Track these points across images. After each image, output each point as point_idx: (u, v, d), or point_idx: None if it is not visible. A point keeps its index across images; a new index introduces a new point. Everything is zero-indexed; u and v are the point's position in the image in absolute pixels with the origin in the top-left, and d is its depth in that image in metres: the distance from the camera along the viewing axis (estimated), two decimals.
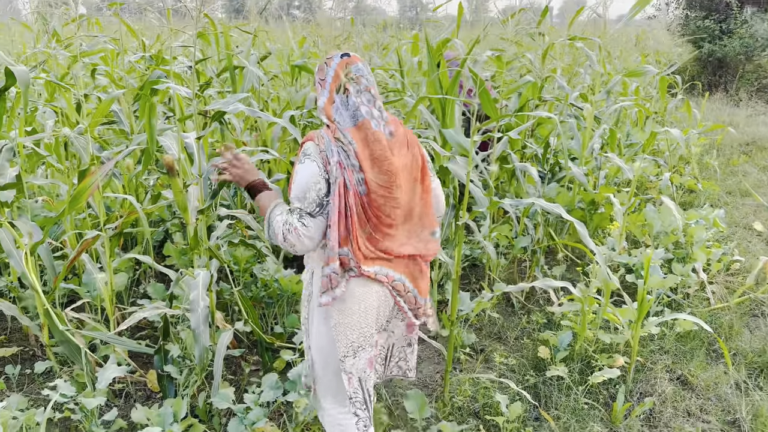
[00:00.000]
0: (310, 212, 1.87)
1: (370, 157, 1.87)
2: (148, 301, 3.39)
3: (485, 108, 3.50)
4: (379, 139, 1.87)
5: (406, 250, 1.96)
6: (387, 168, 1.87)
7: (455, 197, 3.58)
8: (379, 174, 1.86)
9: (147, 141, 2.84)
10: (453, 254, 3.64)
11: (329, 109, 1.93)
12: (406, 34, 8.39)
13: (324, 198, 1.86)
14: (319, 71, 2.00)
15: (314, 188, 1.86)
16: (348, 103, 1.91)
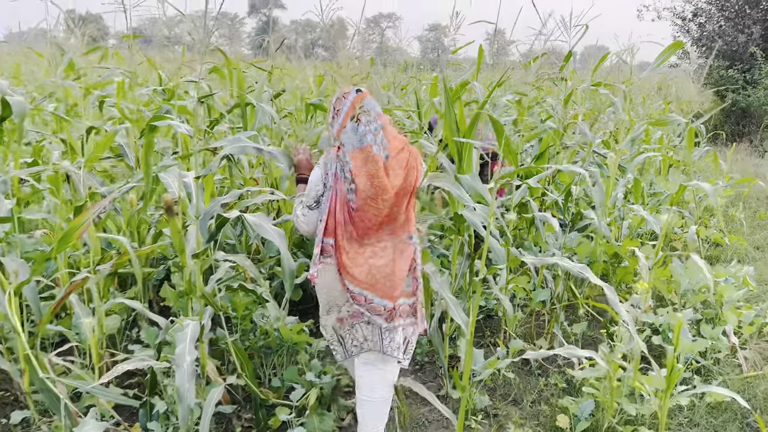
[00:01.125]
0: (309, 205, 2.44)
1: (366, 173, 2.36)
2: (141, 346, 3.20)
3: (506, 155, 3.33)
4: (377, 161, 2.36)
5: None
6: (377, 183, 2.35)
7: (470, 246, 3.37)
8: (370, 187, 2.35)
9: (144, 179, 2.69)
10: (467, 307, 3.41)
11: (340, 133, 2.42)
12: (426, 75, 8.32)
13: (320, 197, 2.43)
14: (336, 102, 2.47)
15: (314, 188, 2.43)
16: (358, 129, 2.39)
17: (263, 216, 2.29)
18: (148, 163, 2.66)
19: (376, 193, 2.33)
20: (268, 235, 2.22)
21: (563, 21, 4.36)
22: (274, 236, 2.21)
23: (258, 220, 2.27)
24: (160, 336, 2.59)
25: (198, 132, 3.84)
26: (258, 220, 2.27)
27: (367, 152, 2.33)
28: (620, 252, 4.13)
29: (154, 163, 3.24)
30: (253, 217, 2.27)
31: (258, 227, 2.25)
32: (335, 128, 2.42)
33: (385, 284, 2.41)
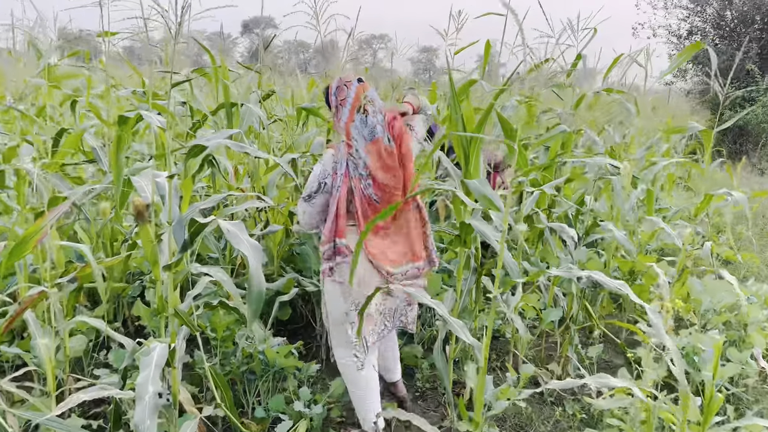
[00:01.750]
0: (303, 197, 2.54)
1: (382, 167, 2.45)
2: (110, 371, 2.86)
3: (513, 159, 3.03)
4: (391, 153, 2.46)
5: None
6: (393, 174, 2.47)
7: (477, 259, 3.06)
8: (390, 178, 2.47)
9: (113, 180, 2.36)
10: (472, 327, 3.09)
11: (349, 126, 2.43)
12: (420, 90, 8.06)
13: (313, 193, 2.51)
14: (339, 91, 2.47)
15: (311, 184, 2.51)
16: (367, 122, 2.43)
17: (240, 225, 1.96)
18: (119, 162, 2.35)
19: (396, 184, 2.46)
20: (242, 247, 1.90)
21: (570, 24, 4.11)
22: (247, 249, 1.89)
23: (234, 228, 1.95)
24: (126, 360, 2.26)
25: (178, 136, 3.53)
26: (234, 229, 1.94)
27: (379, 145, 2.40)
28: (636, 268, 3.83)
29: (128, 164, 2.93)
30: (229, 225, 1.95)
31: (232, 237, 1.93)
32: (343, 121, 2.43)
33: (412, 248, 2.61)
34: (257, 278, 1.94)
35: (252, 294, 1.94)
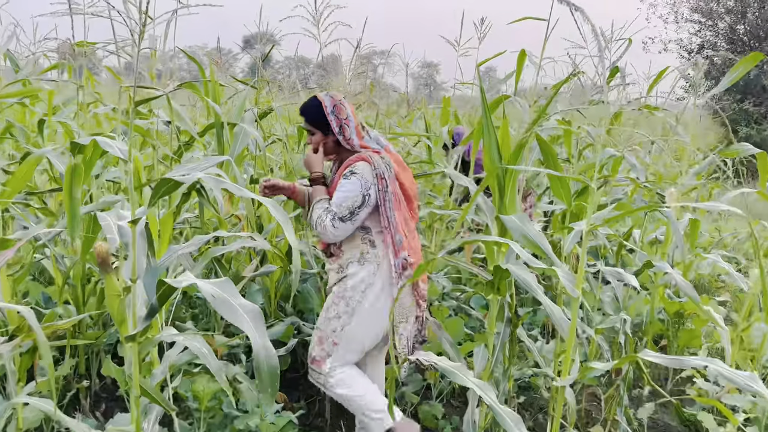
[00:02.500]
0: (341, 217, 2.39)
1: (403, 169, 2.55)
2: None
3: (555, 190, 2.57)
4: (399, 161, 2.57)
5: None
6: (412, 176, 2.63)
7: (511, 308, 2.58)
8: (412, 181, 2.59)
9: (67, 221, 1.89)
10: (506, 389, 2.60)
11: (362, 140, 2.52)
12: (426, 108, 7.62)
13: (357, 209, 2.39)
14: (338, 110, 2.49)
15: (352, 199, 2.37)
16: (371, 135, 2.56)
17: (227, 286, 1.48)
18: (73, 200, 1.87)
19: (415, 189, 2.60)
20: (236, 318, 1.41)
21: (602, 34, 3.66)
22: (242, 319, 1.41)
23: (219, 290, 1.46)
24: None
25: (165, 158, 3.05)
26: (219, 292, 1.46)
27: (389, 153, 2.52)
28: (685, 310, 3.35)
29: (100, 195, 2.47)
30: (214, 288, 1.47)
31: (220, 305, 1.44)
32: (355, 139, 2.48)
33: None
34: (265, 354, 1.43)
35: (263, 374, 1.43)
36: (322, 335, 2.53)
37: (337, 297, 2.52)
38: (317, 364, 2.52)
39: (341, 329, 2.51)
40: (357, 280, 2.47)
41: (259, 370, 1.38)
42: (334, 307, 2.52)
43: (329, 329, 2.52)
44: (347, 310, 2.50)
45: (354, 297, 2.51)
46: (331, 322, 2.52)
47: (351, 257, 2.49)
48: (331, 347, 2.51)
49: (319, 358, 2.52)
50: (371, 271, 2.47)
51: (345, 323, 2.51)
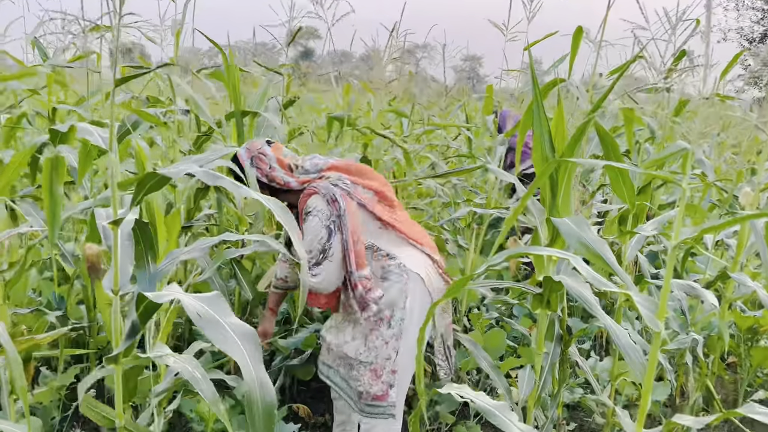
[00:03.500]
0: (316, 262, 2.19)
1: (356, 172, 2.39)
2: None
3: (616, 187, 2.22)
4: (355, 169, 2.43)
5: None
6: (381, 179, 2.49)
7: (562, 325, 2.25)
8: (382, 186, 2.43)
9: (47, 221, 1.65)
10: (555, 417, 2.27)
11: (299, 178, 2.34)
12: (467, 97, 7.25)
13: (326, 243, 2.19)
14: (259, 162, 2.34)
15: (318, 239, 2.19)
16: (306, 165, 2.38)
17: (217, 301, 1.20)
18: (53, 195, 1.63)
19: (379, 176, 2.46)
20: (223, 341, 1.12)
21: (667, 15, 3.27)
22: (233, 344, 1.12)
23: (206, 308, 1.18)
24: None
25: (169, 150, 2.83)
26: (206, 309, 1.18)
27: (334, 164, 2.36)
28: (761, 325, 2.94)
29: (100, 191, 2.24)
30: (199, 303, 1.19)
31: (205, 324, 1.15)
32: (289, 178, 2.33)
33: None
34: (260, 390, 1.13)
35: (255, 414, 1.12)
36: (376, 367, 2.26)
37: (374, 322, 2.26)
38: (381, 399, 2.26)
39: (396, 354, 2.26)
40: (390, 298, 2.23)
41: (251, 409, 1.10)
42: (376, 332, 2.26)
43: (381, 359, 2.25)
44: (394, 333, 2.26)
45: (395, 316, 2.26)
46: (381, 351, 2.25)
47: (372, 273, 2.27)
48: (390, 377, 2.26)
49: (382, 393, 2.26)
50: (403, 284, 2.24)
51: (396, 347, 2.26)
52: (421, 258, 2.33)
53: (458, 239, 3.60)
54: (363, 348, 2.25)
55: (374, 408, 2.26)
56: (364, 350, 2.25)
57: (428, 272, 2.31)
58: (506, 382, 2.20)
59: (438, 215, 3.63)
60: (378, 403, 2.26)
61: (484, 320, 3.06)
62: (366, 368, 2.24)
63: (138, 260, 1.68)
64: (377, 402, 2.26)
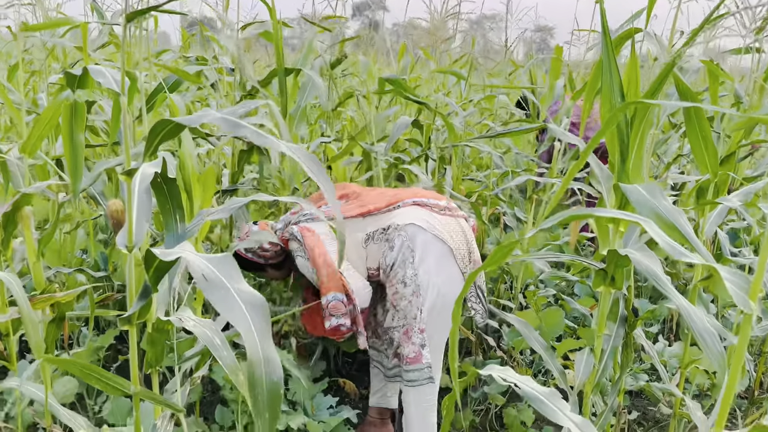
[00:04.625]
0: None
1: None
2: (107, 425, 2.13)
3: (697, 154, 1.97)
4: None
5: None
6: (353, 188, 2.49)
7: (628, 305, 2.02)
8: (358, 190, 2.48)
9: (68, 172, 1.57)
10: (615, 405, 2.05)
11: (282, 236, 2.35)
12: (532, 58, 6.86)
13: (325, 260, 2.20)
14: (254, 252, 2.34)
15: (328, 263, 2.18)
16: (276, 227, 2.39)
17: (227, 263, 1.06)
18: (74, 142, 1.54)
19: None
20: (227, 309, 0.96)
21: None
22: (238, 313, 0.96)
23: (213, 270, 1.03)
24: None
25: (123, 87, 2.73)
26: (213, 271, 1.03)
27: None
28: None
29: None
30: (206, 264, 1.04)
31: (209, 288, 1.00)
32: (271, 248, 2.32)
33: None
34: (264, 367, 0.97)
35: (258, 394, 0.96)
36: (407, 329, 2.19)
37: (393, 285, 2.22)
38: (416, 362, 2.18)
39: (419, 312, 2.18)
40: (400, 259, 2.20)
41: (253, 389, 0.96)
42: (397, 295, 2.20)
43: (410, 318, 2.19)
44: (412, 289, 2.20)
45: (407, 273, 2.18)
46: (408, 311, 2.19)
47: (383, 255, 2.25)
48: (420, 336, 2.20)
49: (414, 354, 2.18)
50: (404, 240, 2.20)
51: (418, 304, 2.18)
52: (410, 210, 2.27)
53: (516, 211, 3.38)
54: (394, 313, 2.22)
55: (413, 372, 2.19)
56: (395, 314, 2.21)
57: (423, 216, 2.25)
58: (560, 365, 2.00)
59: (494, 185, 3.41)
60: (414, 367, 2.18)
61: (541, 298, 2.85)
62: (399, 332, 2.20)
63: (166, 219, 1.58)
64: (414, 366, 2.18)
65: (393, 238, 2.21)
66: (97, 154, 3.33)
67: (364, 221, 2.27)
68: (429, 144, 3.20)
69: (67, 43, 2.84)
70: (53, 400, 1.55)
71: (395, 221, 2.23)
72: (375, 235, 2.25)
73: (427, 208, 2.29)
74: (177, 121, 1.22)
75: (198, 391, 2.10)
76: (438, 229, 2.22)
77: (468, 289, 1.11)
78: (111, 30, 3.81)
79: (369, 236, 2.26)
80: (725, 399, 1.02)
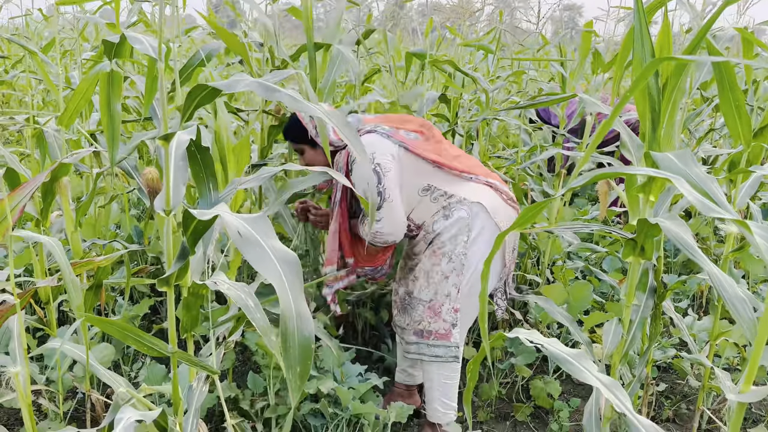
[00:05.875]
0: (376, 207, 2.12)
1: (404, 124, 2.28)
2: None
3: (731, 124, 1.94)
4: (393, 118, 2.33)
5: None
6: (421, 121, 2.36)
7: (657, 275, 2.01)
8: (421, 126, 2.33)
9: (106, 142, 1.61)
10: (643, 374, 2.06)
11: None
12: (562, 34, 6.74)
13: (378, 185, 2.11)
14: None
15: (370, 182, 2.07)
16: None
17: (261, 221, 1.08)
18: (112, 113, 1.58)
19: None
20: (262, 265, 1.00)
21: None
22: (272, 269, 1.00)
23: (248, 228, 1.06)
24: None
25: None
26: (248, 229, 1.06)
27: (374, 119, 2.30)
28: None
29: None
30: (242, 222, 1.07)
31: (244, 245, 1.03)
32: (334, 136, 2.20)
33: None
34: (298, 321, 1.02)
35: (290, 348, 1.01)
36: (434, 304, 2.18)
37: (436, 256, 2.16)
38: (444, 338, 2.18)
39: (456, 291, 2.17)
40: (452, 233, 2.14)
41: (285, 342, 1.00)
42: (436, 268, 2.17)
43: (441, 295, 2.16)
44: (454, 266, 2.15)
45: (456, 250, 2.14)
46: (440, 287, 2.16)
47: (433, 218, 2.18)
48: (452, 315, 2.17)
49: (444, 331, 2.18)
50: (465, 217, 2.13)
51: (457, 283, 2.16)
52: (481, 188, 2.20)
53: (543, 186, 3.36)
54: (425, 284, 2.18)
55: (436, 348, 2.18)
56: (425, 286, 2.17)
57: (492, 201, 2.17)
58: (586, 336, 2.01)
59: (522, 160, 3.40)
60: (441, 343, 2.17)
61: (569, 271, 2.84)
62: (424, 306, 2.17)
63: (199, 186, 1.62)
64: (441, 341, 2.17)
65: (454, 208, 2.14)
66: (128, 131, 3.39)
67: (432, 170, 2.17)
68: (456, 119, 3.20)
69: (99, 20, 2.88)
70: (93, 361, 1.61)
71: (463, 193, 2.16)
72: (435, 192, 2.17)
73: (497, 193, 2.22)
74: (213, 86, 1.25)
75: (231, 358, 2.15)
76: (500, 218, 2.17)
77: (498, 248, 1.12)
78: (140, 9, 3.86)
79: (429, 189, 2.17)
80: (753, 363, 1.02)
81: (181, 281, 1.42)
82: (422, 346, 2.21)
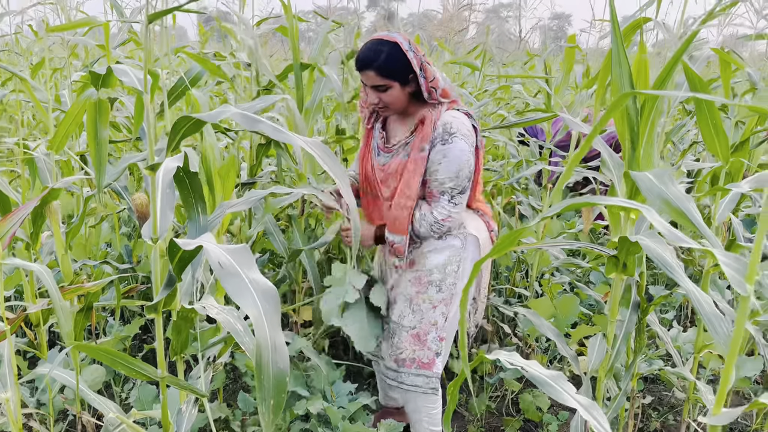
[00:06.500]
0: (461, 191, 2.01)
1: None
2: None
3: (708, 141, 1.98)
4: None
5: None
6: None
7: (640, 291, 2.05)
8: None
9: (93, 165, 1.64)
10: (629, 389, 2.09)
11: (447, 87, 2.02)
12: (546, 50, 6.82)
13: (467, 180, 2.01)
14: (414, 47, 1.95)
15: (467, 167, 1.99)
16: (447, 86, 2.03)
17: (242, 253, 1.10)
18: (98, 140, 1.61)
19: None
20: (240, 296, 1.01)
21: None
22: (250, 301, 1.00)
23: (229, 259, 1.08)
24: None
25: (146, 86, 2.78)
26: (229, 260, 1.07)
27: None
28: None
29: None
30: (222, 252, 1.09)
31: (224, 275, 1.04)
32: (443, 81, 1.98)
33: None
34: (272, 354, 1.02)
35: (264, 380, 1.02)
36: (419, 332, 2.15)
37: (422, 284, 2.14)
38: (427, 368, 2.16)
39: (444, 320, 2.15)
40: (442, 259, 2.10)
41: (260, 374, 1.02)
42: (423, 296, 2.14)
43: (427, 323, 2.14)
44: (443, 297, 2.14)
45: (446, 280, 2.12)
46: (427, 315, 2.14)
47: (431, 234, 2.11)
48: (437, 344, 2.16)
49: (428, 360, 2.16)
50: (458, 247, 2.10)
51: (445, 312, 2.15)
52: (478, 221, 2.19)
53: (530, 200, 3.40)
54: (407, 311, 2.14)
55: (416, 377, 2.16)
56: (407, 313, 2.14)
57: (483, 236, 2.16)
58: (573, 351, 2.04)
59: (509, 174, 3.44)
60: (423, 372, 2.15)
61: (556, 285, 2.88)
62: (407, 333, 2.14)
63: (188, 211, 1.64)
64: (423, 371, 2.15)
65: (450, 233, 2.10)
66: (119, 149, 3.41)
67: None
68: None
69: (88, 42, 2.91)
70: (83, 385, 1.63)
71: (464, 221, 2.12)
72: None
73: (487, 228, 2.21)
74: (198, 118, 1.28)
75: (221, 378, 2.17)
76: (486, 250, 2.16)
77: (475, 276, 1.14)
78: (131, 27, 3.89)
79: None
80: (725, 375, 1.06)
81: (169, 307, 1.44)
82: (402, 374, 2.18)
